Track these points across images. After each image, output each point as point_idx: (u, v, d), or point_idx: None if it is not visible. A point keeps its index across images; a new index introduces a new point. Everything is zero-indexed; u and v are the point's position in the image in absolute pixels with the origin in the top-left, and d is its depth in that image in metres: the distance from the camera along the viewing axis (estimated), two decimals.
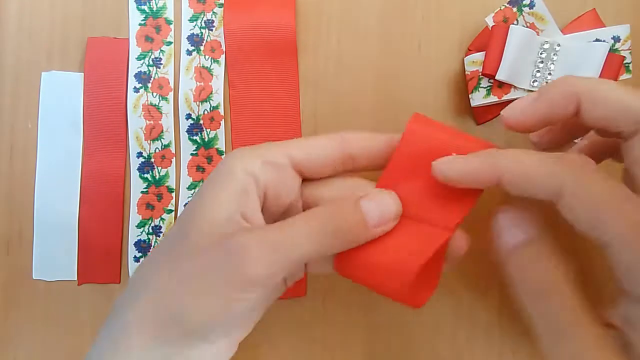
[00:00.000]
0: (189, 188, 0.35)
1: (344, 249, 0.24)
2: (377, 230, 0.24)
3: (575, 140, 0.30)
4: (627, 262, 0.20)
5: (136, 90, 0.35)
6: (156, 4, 0.35)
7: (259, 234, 0.23)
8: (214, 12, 0.35)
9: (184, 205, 0.35)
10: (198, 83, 0.35)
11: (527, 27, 0.32)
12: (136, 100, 0.35)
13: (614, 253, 0.20)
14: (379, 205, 0.24)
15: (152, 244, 0.35)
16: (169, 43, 0.35)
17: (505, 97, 0.32)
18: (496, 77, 0.31)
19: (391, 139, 0.26)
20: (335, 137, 0.26)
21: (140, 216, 0.35)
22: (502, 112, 0.25)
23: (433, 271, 0.25)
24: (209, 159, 0.35)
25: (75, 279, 0.35)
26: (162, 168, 0.35)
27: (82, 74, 0.35)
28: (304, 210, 0.28)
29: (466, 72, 0.33)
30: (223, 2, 0.35)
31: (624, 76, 0.31)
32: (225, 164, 0.25)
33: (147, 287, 0.24)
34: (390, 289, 0.24)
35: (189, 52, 0.35)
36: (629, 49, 0.31)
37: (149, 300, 0.23)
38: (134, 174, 0.35)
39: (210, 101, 0.35)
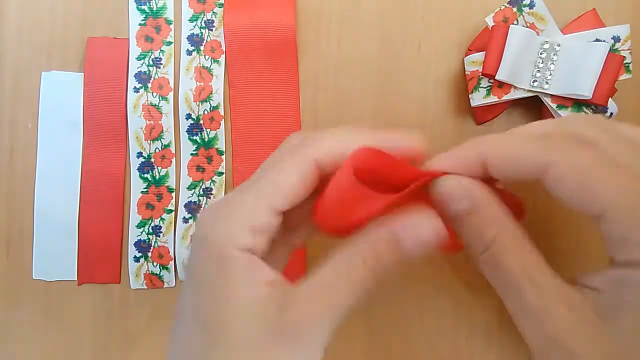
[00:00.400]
0: (189, 188, 0.35)
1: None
2: (416, 253, 0.22)
3: None
4: (621, 230, 0.19)
5: (136, 90, 0.35)
6: (156, 4, 0.35)
7: (308, 308, 0.21)
8: (214, 12, 0.35)
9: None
10: (198, 83, 0.35)
11: (527, 27, 0.32)
12: (136, 100, 0.35)
13: (606, 222, 0.19)
14: (416, 231, 0.22)
15: (152, 244, 0.35)
16: (169, 43, 0.35)
17: (505, 97, 0.32)
18: (496, 77, 0.31)
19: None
20: (310, 168, 0.22)
21: (140, 216, 0.35)
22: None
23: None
24: (209, 159, 0.35)
25: (75, 279, 0.35)
26: (162, 168, 0.35)
27: (82, 74, 0.35)
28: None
29: (466, 72, 0.33)
30: (223, 2, 0.35)
31: (624, 76, 0.31)
32: (213, 248, 0.21)
33: None
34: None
35: (189, 52, 0.35)
36: (629, 49, 0.31)
37: None
38: (134, 174, 0.35)
39: (210, 101, 0.35)
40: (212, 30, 0.35)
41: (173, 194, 0.35)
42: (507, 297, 0.22)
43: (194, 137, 0.35)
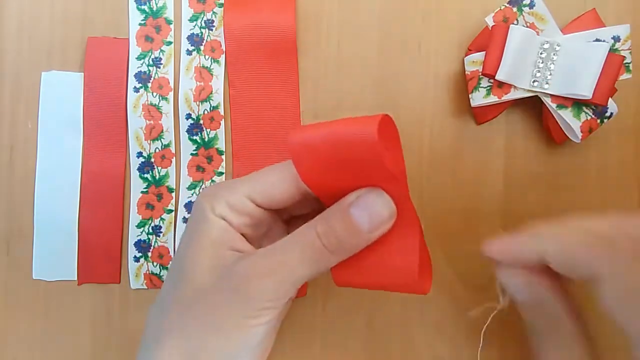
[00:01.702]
0: (189, 188, 0.35)
1: (341, 260, 0.24)
2: (373, 236, 0.23)
3: None
4: None
5: (136, 90, 0.35)
6: (156, 4, 0.35)
7: (255, 262, 0.24)
8: (214, 12, 0.35)
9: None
10: (198, 83, 0.35)
11: (527, 27, 0.32)
12: (136, 100, 0.35)
13: (636, 351, 0.19)
14: (369, 209, 0.23)
15: (152, 244, 0.35)
16: (169, 43, 0.35)
17: (505, 97, 0.32)
18: (496, 77, 0.31)
19: None
20: (291, 171, 0.25)
21: (140, 216, 0.35)
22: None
23: (425, 253, 0.25)
24: (209, 159, 0.35)
25: (75, 279, 0.35)
26: (162, 168, 0.35)
27: (82, 74, 0.35)
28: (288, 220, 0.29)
29: (466, 72, 0.33)
30: (223, 2, 0.35)
31: (624, 76, 0.31)
32: (197, 211, 0.26)
33: (168, 333, 0.25)
34: (399, 286, 0.24)
35: (189, 52, 0.35)
36: (629, 49, 0.31)
37: (173, 345, 0.24)
38: (134, 174, 0.35)
39: (210, 101, 0.35)
40: (212, 30, 0.35)
41: (173, 194, 0.35)
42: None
43: (194, 137, 0.35)
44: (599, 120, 0.32)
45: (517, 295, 0.25)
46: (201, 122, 0.35)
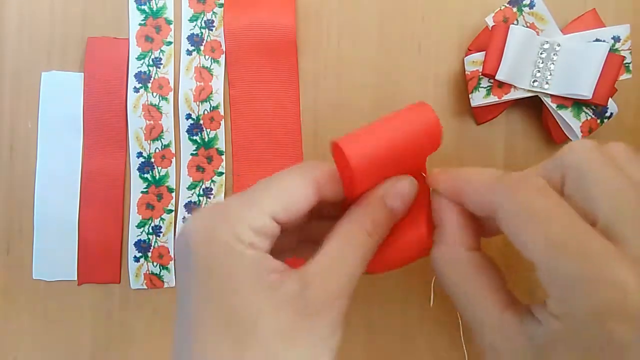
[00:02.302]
0: (189, 188, 0.35)
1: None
2: (400, 215, 0.24)
3: None
4: (545, 283, 0.19)
5: (136, 90, 0.35)
6: (156, 4, 0.35)
7: (323, 287, 0.21)
8: (214, 12, 0.35)
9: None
10: (198, 83, 0.35)
11: (527, 27, 0.32)
12: (136, 100, 0.35)
13: (537, 269, 0.20)
14: (403, 197, 0.24)
15: (152, 244, 0.35)
16: (169, 43, 0.35)
17: (505, 97, 0.32)
18: (496, 77, 0.31)
19: None
20: (309, 182, 0.23)
21: (140, 216, 0.35)
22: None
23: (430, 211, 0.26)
24: (209, 159, 0.35)
25: (75, 279, 0.35)
26: (162, 168, 0.35)
27: (82, 74, 0.35)
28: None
29: (466, 72, 0.33)
30: (223, 2, 0.35)
31: (624, 76, 0.31)
32: (216, 245, 0.21)
33: None
34: (416, 255, 0.25)
35: (189, 52, 0.35)
36: (629, 49, 0.31)
37: None
38: (134, 174, 0.35)
39: (210, 101, 0.35)
40: (212, 30, 0.35)
41: (173, 194, 0.35)
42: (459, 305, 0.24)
43: (194, 137, 0.35)
44: (599, 120, 0.32)
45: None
46: (201, 122, 0.35)
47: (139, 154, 0.35)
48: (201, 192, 0.35)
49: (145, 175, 0.35)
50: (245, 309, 0.20)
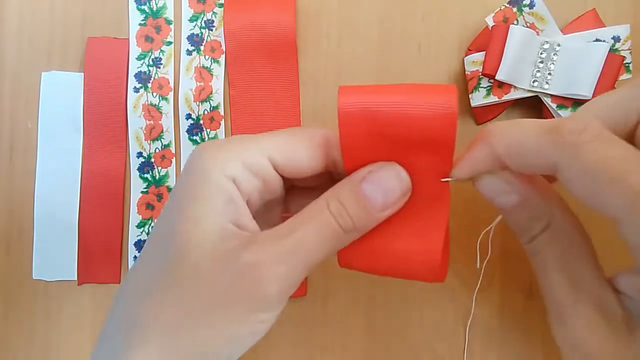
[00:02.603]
0: None
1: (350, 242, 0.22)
2: (384, 215, 0.21)
3: None
4: (636, 235, 0.18)
5: (136, 90, 0.35)
6: (156, 4, 0.35)
7: (266, 248, 0.20)
8: (214, 12, 0.35)
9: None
10: (198, 83, 0.35)
11: (527, 27, 0.32)
12: (136, 100, 0.35)
13: (621, 226, 0.18)
14: (383, 186, 0.21)
15: None
16: (169, 43, 0.35)
17: (505, 97, 0.32)
18: (496, 77, 0.31)
19: None
20: (318, 139, 0.22)
21: (140, 216, 0.35)
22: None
23: (447, 237, 0.23)
24: None
25: (75, 279, 0.35)
26: (162, 168, 0.35)
27: (82, 74, 0.35)
28: (287, 202, 0.26)
29: (466, 72, 0.33)
30: (223, 2, 0.35)
31: (624, 76, 0.31)
32: (198, 167, 0.21)
33: (147, 326, 0.20)
34: (414, 273, 0.22)
35: (189, 52, 0.35)
36: (629, 49, 0.31)
37: (155, 342, 0.19)
38: (134, 174, 0.35)
39: (210, 101, 0.35)
40: (212, 30, 0.35)
41: None
42: (542, 286, 0.22)
43: (194, 137, 0.35)
44: None
45: (501, 198, 0.22)
46: (201, 122, 0.35)
47: (139, 154, 0.35)
48: None
49: (145, 175, 0.35)
50: (184, 235, 0.20)
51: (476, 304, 0.34)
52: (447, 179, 0.22)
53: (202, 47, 0.35)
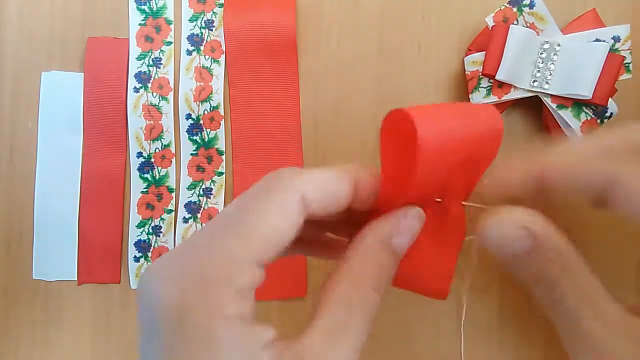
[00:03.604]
0: (189, 188, 0.35)
1: None
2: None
3: None
4: None
5: (136, 90, 0.35)
6: (156, 4, 0.35)
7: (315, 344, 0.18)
8: (214, 12, 0.35)
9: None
10: (198, 83, 0.35)
11: (527, 27, 0.32)
12: (136, 100, 0.35)
13: None
14: (411, 233, 0.20)
15: (152, 244, 0.35)
16: (169, 43, 0.35)
17: (505, 97, 0.32)
18: (496, 77, 0.31)
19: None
20: (347, 177, 0.19)
21: (140, 216, 0.35)
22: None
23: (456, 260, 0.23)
24: (209, 159, 0.35)
25: (75, 279, 0.35)
26: (162, 168, 0.35)
27: (82, 74, 0.35)
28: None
29: (466, 72, 0.33)
30: (223, 2, 0.35)
31: (624, 76, 0.31)
32: (192, 322, 0.17)
33: None
34: (421, 289, 0.22)
35: (189, 52, 0.35)
36: (629, 49, 0.31)
37: None
38: (134, 174, 0.35)
39: (210, 101, 0.35)
40: (212, 30, 0.35)
41: (173, 194, 0.35)
42: (564, 326, 0.20)
43: (194, 137, 0.35)
44: (599, 121, 0.32)
45: (513, 246, 0.20)
46: (201, 122, 0.35)
47: (139, 154, 0.35)
48: (201, 192, 0.35)
49: (145, 175, 0.35)
50: None
51: (476, 304, 0.34)
52: (468, 204, 0.21)
53: (202, 47, 0.35)
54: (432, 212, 0.21)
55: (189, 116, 0.35)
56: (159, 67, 0.35)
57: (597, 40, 0.31)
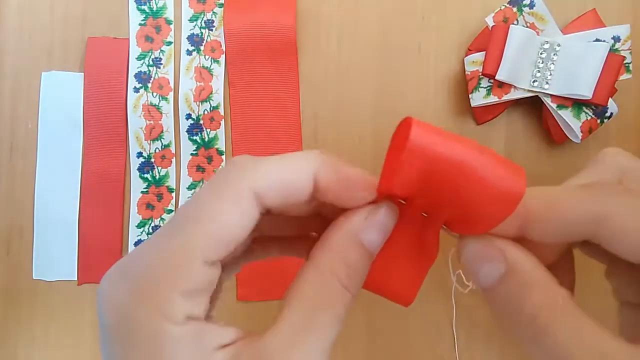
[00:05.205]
0: (189, 188, 0.35)
1: None
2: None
3: None
4: None
5: (136, 90, 0.35)
6: (156, 4, 0.35)
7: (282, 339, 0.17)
8: (214, 12, 0.35)
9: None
10: (198, 83, 0.35)
11: (527, 27, 0.32)
12: (136, 100, 0.35)
13: None
14: (383, 228, 0.19)
15: None
16: (169, 43, 0.35)
17: (505, 97, 0.32)
18: (496, 77, 0.31)
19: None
20: (305, 165, 0.19)
21: (140, 216, 0.35)
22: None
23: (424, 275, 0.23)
24: (209, 159, 0.35)
25: (75, 279, 0.35)
26: (162, 168, 0.35)
27: (82, 74, 0.35)
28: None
29: (466, 72, 0.33)
30: (223, 2, 0.35)
31: (624, 76, 0.31)
32: (139, 326, 0.16)
33: None
34: (393, 299, 0.22)
35: (189, 52, 0.35)
36: (629, 49, 0.31)
37: None
38: (134, 174, 0.35)
39: (210, 101, 0.35)
40: (212, 30, 0.35)
41: (173, 194, 0.35)
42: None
43: (194, 137, 0.35)
44: (599, 120, 0.32)
45: (488, 269, 0.20)
46: (201, 122, 0.35)
47: (139, 154, 0.35)
48: None
49: (145, 175, 0.35)
50: None
51: (476, 304, 0.34)
52: (454, 234, 0.21)
53: (202, 47, 0.35)
54: (416, 225, 0.21)
55: (189, 116, 0.35)
56: (159, 67, 0.35)
57: (597, 40, 0.31)
